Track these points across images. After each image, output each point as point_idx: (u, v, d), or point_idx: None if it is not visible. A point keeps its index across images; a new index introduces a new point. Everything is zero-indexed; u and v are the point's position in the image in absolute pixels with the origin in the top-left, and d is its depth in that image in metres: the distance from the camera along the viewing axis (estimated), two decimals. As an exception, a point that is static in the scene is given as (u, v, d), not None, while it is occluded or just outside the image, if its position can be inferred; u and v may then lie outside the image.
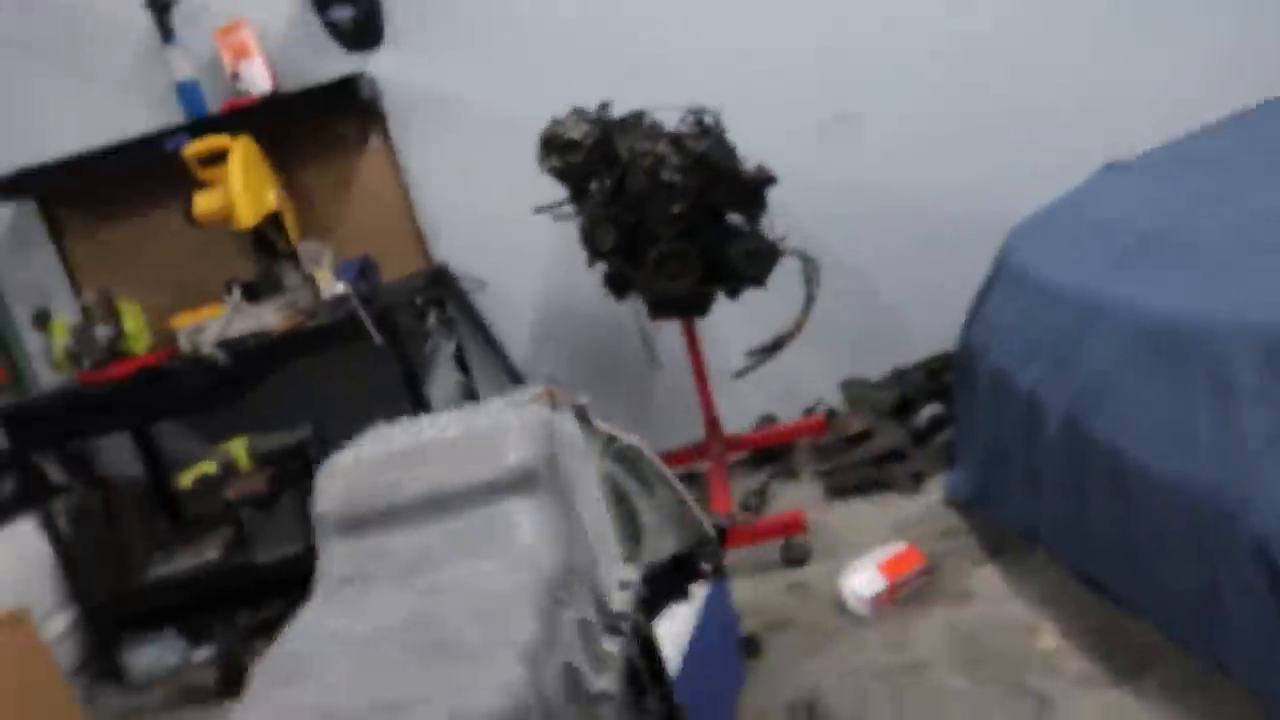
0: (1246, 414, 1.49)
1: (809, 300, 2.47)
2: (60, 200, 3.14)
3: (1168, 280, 1.75)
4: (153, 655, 2.75)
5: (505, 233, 3.05)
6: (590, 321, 3.09)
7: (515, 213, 2.74)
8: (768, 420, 3.17)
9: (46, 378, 3.15)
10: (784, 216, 2.89)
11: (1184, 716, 1.63)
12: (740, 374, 2.62)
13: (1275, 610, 1.45)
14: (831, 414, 2.97)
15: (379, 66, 3.04)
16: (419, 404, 2.69)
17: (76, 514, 2.85)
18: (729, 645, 2.03)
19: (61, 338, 2.94)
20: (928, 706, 1.85)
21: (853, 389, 3.01)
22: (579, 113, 2.50)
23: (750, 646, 2.11)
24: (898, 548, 2.26)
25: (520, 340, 3.20)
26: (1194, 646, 1.64)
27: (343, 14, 2.95)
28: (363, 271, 2.70)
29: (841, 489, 2.73)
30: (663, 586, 1.28)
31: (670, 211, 2.34)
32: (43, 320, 2.99)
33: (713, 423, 2.94)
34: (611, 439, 1.26)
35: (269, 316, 2.74)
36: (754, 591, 2.38)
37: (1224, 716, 1.60)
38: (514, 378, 3.15)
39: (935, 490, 2.60)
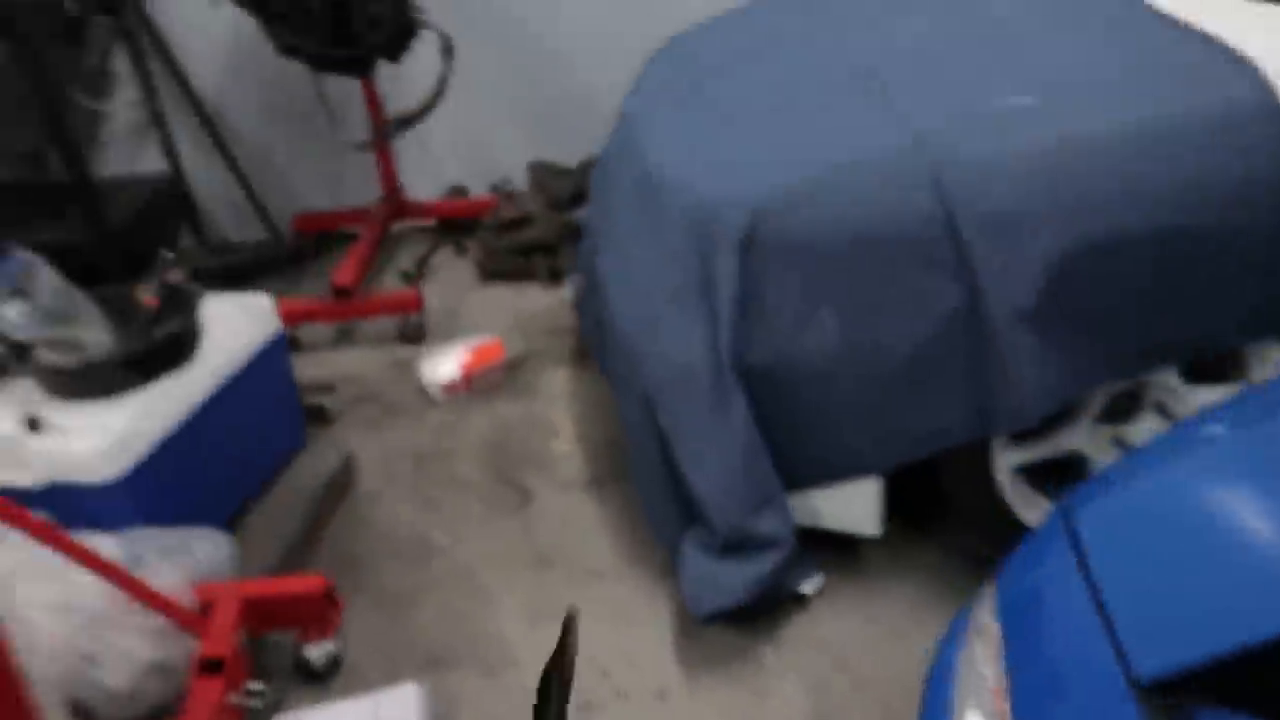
0: (665, 272, 1.61)
1: (442, 80, 2.41)
2: None
3: (681, 131, 1.80)
4: None
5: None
6: (281, 68, 2.95)
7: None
8: (458, 191, 3.17)
9: None
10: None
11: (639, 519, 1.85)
12: (359, 147, 2.58)
13: (659, 457, 1.63)
14: (508, 196, 2.99)
15: None
16: (61, 132, 2.58)
17: None
18: (284, 408, 2.14)
19: None
20: (432, 490, 2.04)
21: (537, 172, 3.01)
22: None
23: (317, 414, 2.24)
24: (486, 340, 2.38)
25: (210, 70, 3.03)
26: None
27: None
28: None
29: (490, 273, 2.81)
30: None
31: (299, -40, 2.20)
32: None
33: (391, 189, 2.93)
34: None
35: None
36: (360, 361, 2.50)
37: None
38: (202, 114, 3.01)
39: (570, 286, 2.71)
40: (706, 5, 2.40)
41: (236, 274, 2.98)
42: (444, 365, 2.31)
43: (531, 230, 2.76)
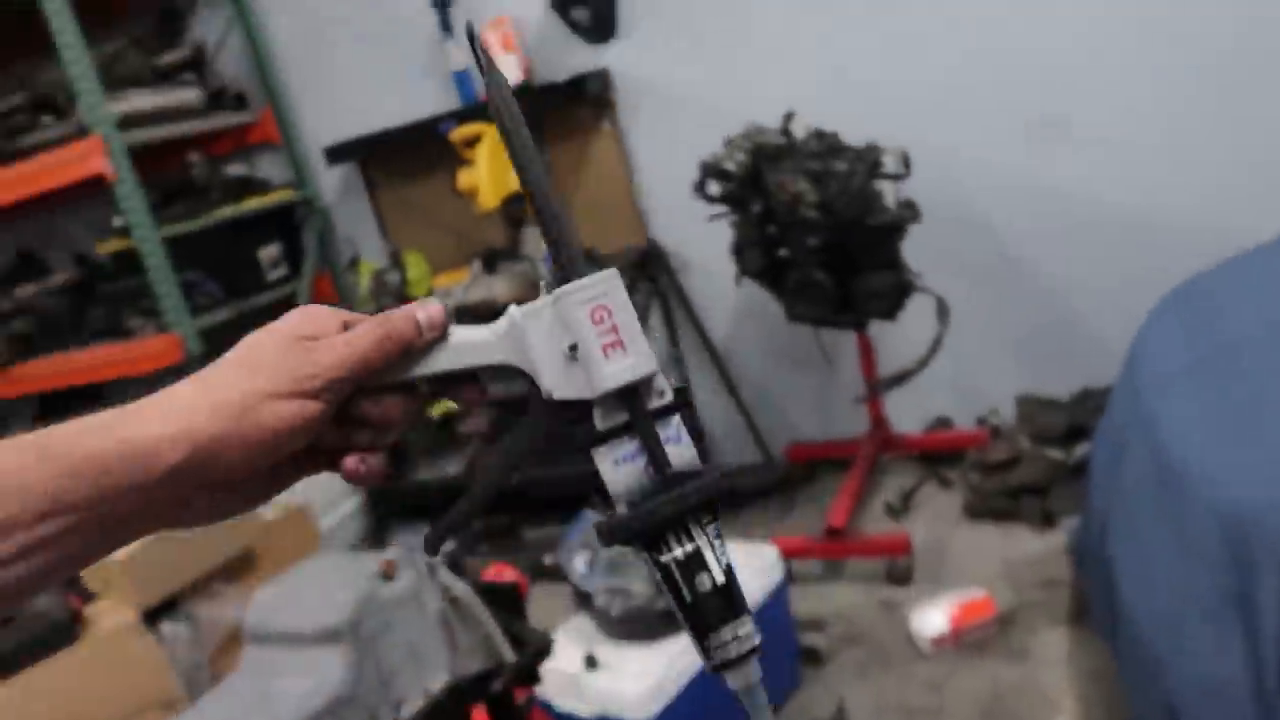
0: (1191, 575, 1.50)
1: (936, 342, 2.53)
2: (375, 165, 3.89)
3: (1206, 411, 1.69)
4: (410, 543, 3.56)
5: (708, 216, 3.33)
6: (776, 311, 3.32)
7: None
8: (942, 423, 3.24)
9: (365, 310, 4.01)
10: (985, 226, 2.93)
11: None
12: (859, 400, 2.76)
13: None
14: (995, 431, 2.99)
15: (612, 58, 3.38)
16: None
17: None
18: (782, 650, 2.32)
19: (366, 279, 3.73)
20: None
21: (1026, 405, 2.98)
22: (746, 136, 2.68)
23: (810, 656, 2.38)
24: (975, 594, 2.37)
25: (721, 319, 3.50)
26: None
27: (580, 14, 3.29)
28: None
29: (976, 511, 2.80)
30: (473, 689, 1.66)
31: (807, 244, 2.50)
32: (354, 263, 3.81)
33: (876, 421, 3.09)
34: (446, 588, 1.63)
35: (498, 287, 3.30)
36: (849, 600, 2.62)
37: None
38: (713, 354, 3.47)
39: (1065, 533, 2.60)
40: (1208, 243, 2.28)
41: (735, 495, 3.31)
42: (932, 617, 2.34)
43: (1021, 471, 2.73)
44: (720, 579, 0.59)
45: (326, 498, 3.51)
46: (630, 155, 3.46)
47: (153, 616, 2.60)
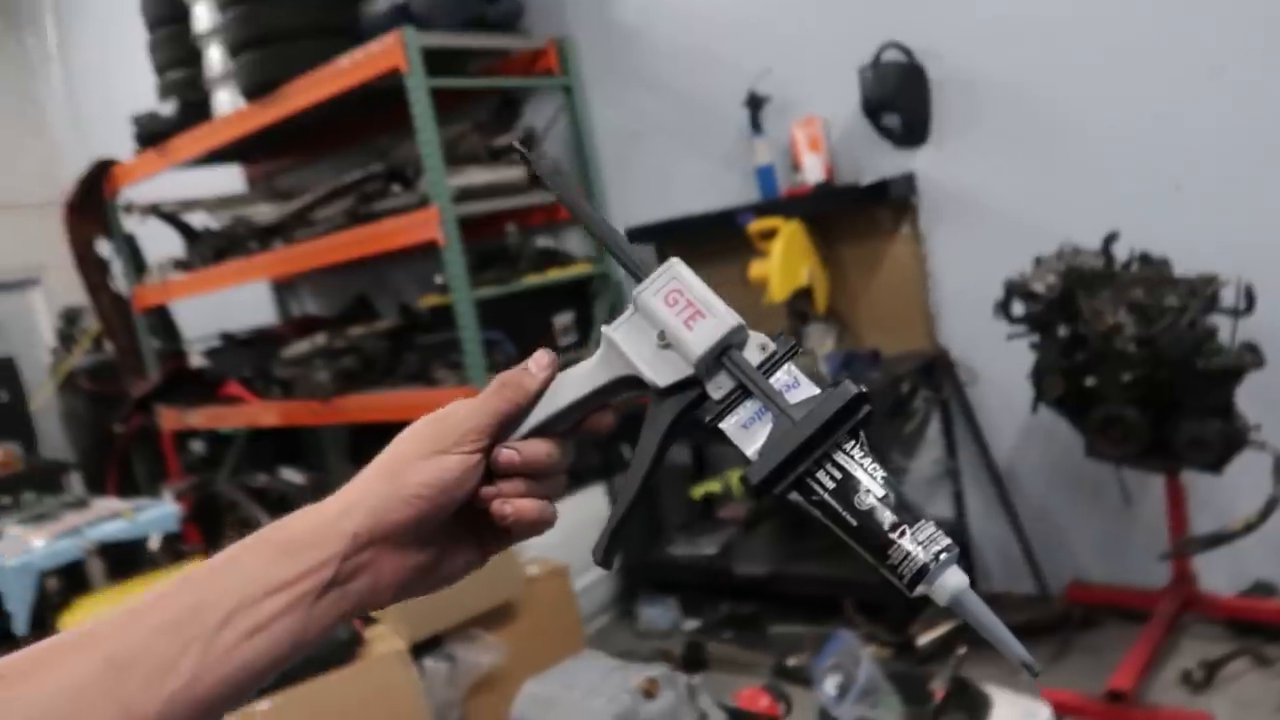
0: None
1: (1271, 504, 2.22)
2: (671, 247, 4.02)
3: None
4: (655, 613, 3.60)
5: (1003, 330, 3.15)
6: (1073, 436, 3.07)
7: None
8: (1262, 589, 2.83)
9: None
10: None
11: None
12: (1165, 556, 2.46)
13: None
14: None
15: (919, 162, 3.33)
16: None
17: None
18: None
19: (649, 355, 3.87)
20: None
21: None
22: (1060, 257, 2.54)
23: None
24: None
25: (1006, 437, 3.29)
26: None
27: (892, 120, 3.28)
28: (847, 363, 3.09)
29: (1298, 704, 2.41)
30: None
31: (1120, 379, 2.30)
32: (640, 339, 3.97)
33: (1180, 576, 2.76)
34: (704, 714, 1.57)
35: (775, 380, 3.30)
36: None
37: None
38: (993, 473, 3.27)
39: None
40: None
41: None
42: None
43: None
44: (880, 491, 0.57)
45: (585, 561, 3.63)
46: (927, 260, 3.37)
47: (418, 651, 2.79)
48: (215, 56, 4.40)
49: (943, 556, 0.56)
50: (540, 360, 0.67)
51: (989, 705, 2.00)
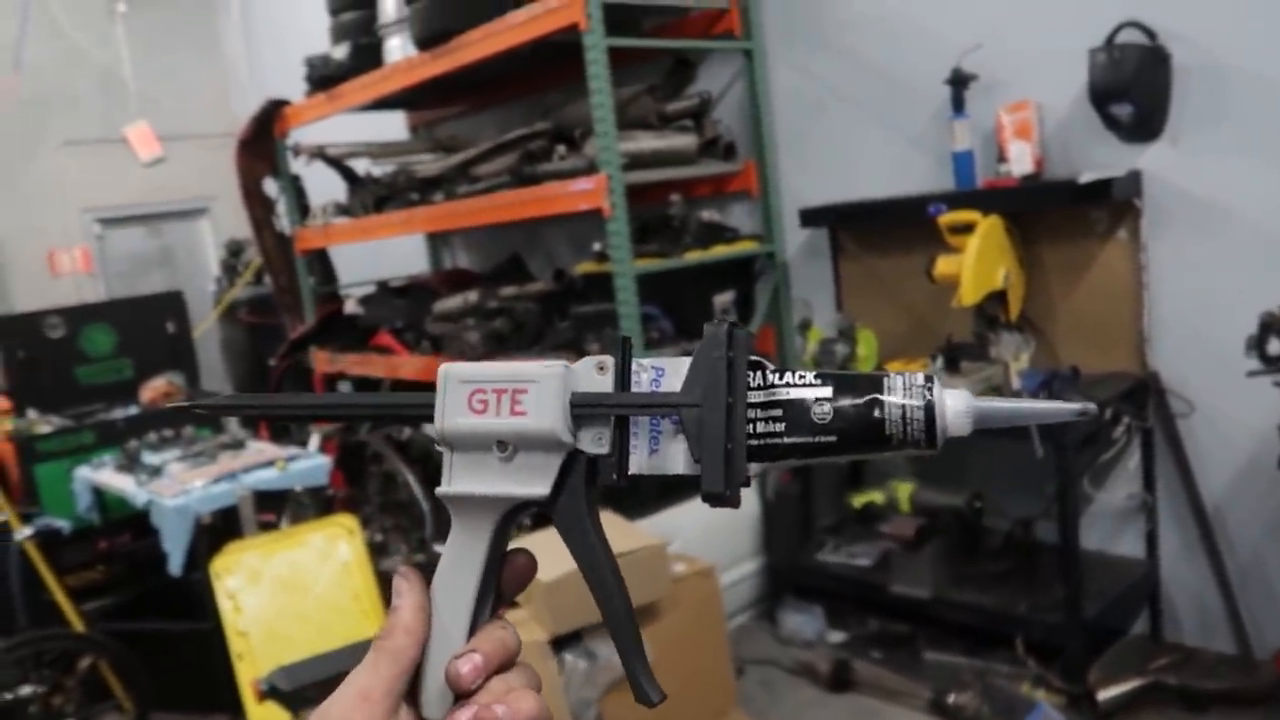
0: None
1: None
2: (846, 232, 3.78)
3: None
4: (800, 620, 3.41)
5: (1235, 361, 2.78)
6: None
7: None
8: None
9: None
10: None
11: None
12: None
13: None
14: None
15: (1149, 160, 2.95)
16: (1065, 508, 2.77)
17: (779, 492, 3.59)
18: None
19: (812, 344, 3.64)
20: None
21: None
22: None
23: None
24: None
25: (1217, 479, 2.92)
26: None
27: (1122, 110, 2.91)
28: (1047, 384, 2.78)
29: None
30: None
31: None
32: (804, 326, 3.73)
33: None
34: None
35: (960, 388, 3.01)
36: None
37: None
38: (1199, 514, 2.92)
39: None
40: None
41: (1192, 697, 2.75)
42: None
43: None
44: (826, 390, 0.50)
45: (730, 558, 3.47)
46: (1145, 271, 3.00)
47: (558, 645, 2.68)
48: (390, 3, 4.33)
49: (933, 388, 0.49)
50: (400, 588, 0.54)
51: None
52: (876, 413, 0.49)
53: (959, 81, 3.25)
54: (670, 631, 2.83)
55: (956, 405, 0.49)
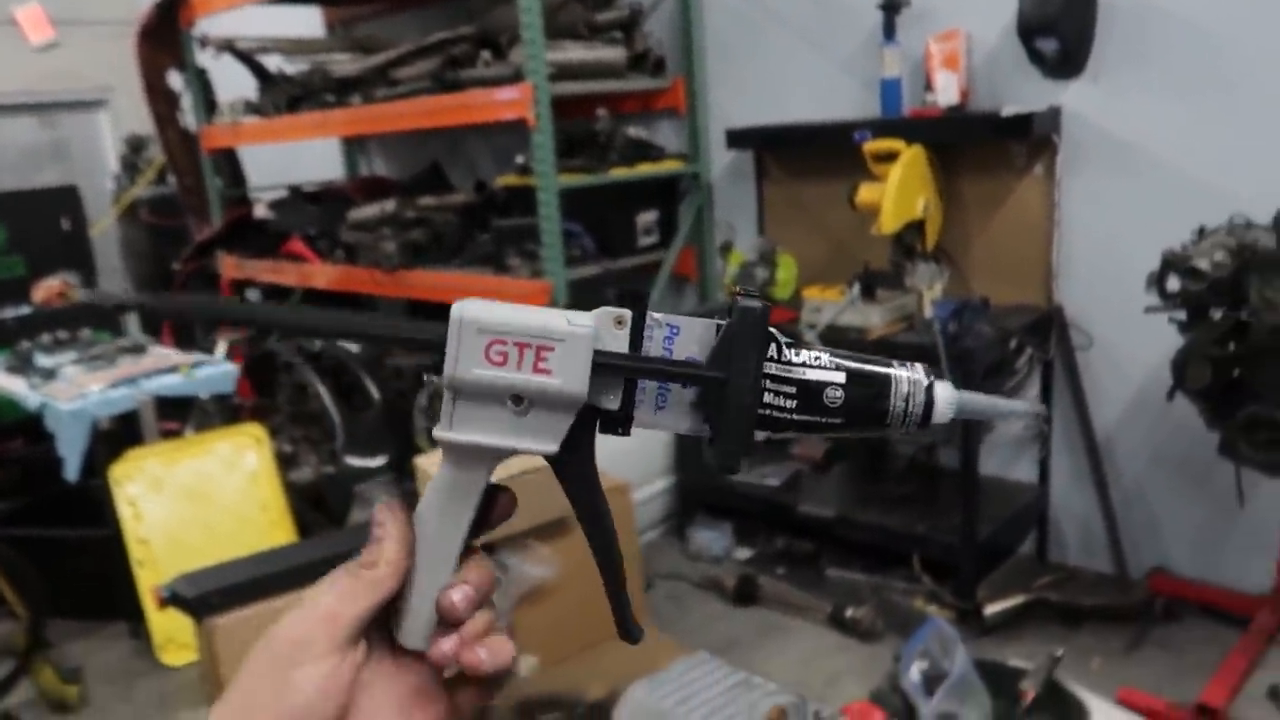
0: None
1: None
2: (771, 155, 3.77)
3: None
4: (709, 537, 3.49)
5: (1136, 298, 2.88)
6: (1191, 427, 2.84)
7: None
8: (1372, 611, 2.63)
9: (719, 298, 3.94)
10: None
11: None
12: None
13: None
14: None
15: (1070, 96, 2.99)
16: (967, 435, 2.88)
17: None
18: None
19: (734, 266, 3.65)
20: None
21: None
22: (1230, 232, 2.25)
23: None
24: None
25: (1109, 409, 3.06)
26: None
27: (1048, 45, 2.93)
28: (958, 314, 2.84)
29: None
30: None
31: (1281, 379, 2.06)
32: (726, 249, 3.74)
33: (1287, 587, 2.57)
34: None
35: (874, 317, 3.07)
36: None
37: None
38: (1089, 443, 3.06)
39: None
40: None
41: (1070, 613, 2.92)
42: None
43: None
44: (840, 377, 0.52)
45: (642, 476, 3.51)
46: (1057, 207, 3.07)
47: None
48: (306, -114, 4.08)
49: (934, 384, 0.53)
50: (382, 518, 0.54)
51: (1085, 714, 1.86)
52: (883, 404, 0.52)
53: (891, 7, 3.23)
54: (583, 546, 2.85)
55: (945, 396, 0.53)
